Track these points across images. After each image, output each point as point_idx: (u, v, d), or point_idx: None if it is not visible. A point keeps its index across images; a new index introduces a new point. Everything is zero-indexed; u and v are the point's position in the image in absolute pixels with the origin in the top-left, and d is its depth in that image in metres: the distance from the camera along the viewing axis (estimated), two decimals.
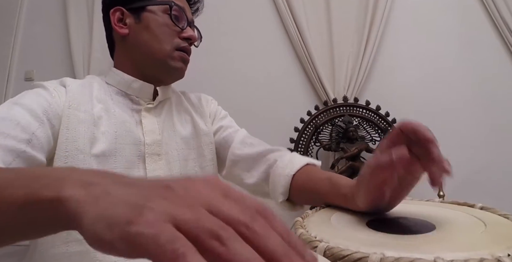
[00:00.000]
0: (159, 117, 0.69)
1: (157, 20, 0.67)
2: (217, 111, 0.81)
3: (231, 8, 1.88)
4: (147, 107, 0.68)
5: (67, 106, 0.58)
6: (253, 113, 1.73)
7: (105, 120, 0.62)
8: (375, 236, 0.37)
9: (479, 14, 1.80)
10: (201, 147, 0.73)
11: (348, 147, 1.58)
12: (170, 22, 0.68)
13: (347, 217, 0.46)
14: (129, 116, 0.65)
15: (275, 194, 0.66)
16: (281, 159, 0.67)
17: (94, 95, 0.64)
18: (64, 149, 0.56)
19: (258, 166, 0.70)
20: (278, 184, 0.64)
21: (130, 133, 0.63)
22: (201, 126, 0.75)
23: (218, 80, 1.80)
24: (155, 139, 0.66)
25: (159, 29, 0.67)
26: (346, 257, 0.31)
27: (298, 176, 0.63)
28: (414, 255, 0.29)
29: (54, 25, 2.02)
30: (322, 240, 0.35)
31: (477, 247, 0.31)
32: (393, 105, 1.68)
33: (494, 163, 1.68)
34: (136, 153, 0.63)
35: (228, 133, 0.77)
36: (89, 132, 0.59)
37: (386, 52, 1.81)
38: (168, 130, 0.70)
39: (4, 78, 2.02)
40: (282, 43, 1.86)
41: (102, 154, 0.59)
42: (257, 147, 0.73)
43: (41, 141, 0.53)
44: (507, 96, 1.73)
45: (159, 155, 0.65)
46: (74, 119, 0.58)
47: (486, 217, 0.41)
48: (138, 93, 0.68)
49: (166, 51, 0.67)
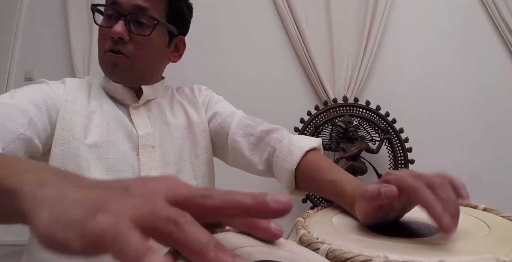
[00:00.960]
0: (149, 112, 0.70)
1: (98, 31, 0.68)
2: (210, 98, 0.80)
3: (231, 8, 1.88)
4: (134, 106, 0.69)
5: (64, 99, 0.61)
6: (253, 113, 1.72)
7: (99, 115, 0.64)
8: (378, 239, 0.36)
9: (479, 14, 1.80)
10: (195, 135, 0.74)
11: (348, 147, 1.58)
12: (98, 27, 0.67)
13: (350, 218, 0.46)
14: (122, 112, 0.67)
15: (282, 185, 0.67)
16: (279, 147, 0.66)
17: (91, 95, 0.66)
18: (60, 137, 0.58)
19: (258, 151, 0.70)
20: (281, 178, 0.65)
21: (123, 126, 0.65)
22: (194, 116, 0.75)
23: (218, 80, 1.80)
24: (148, 131, 0.67)
25: (99, 37, 0.67)
26: (349, 260, 0.31)
27: (301, 169, 0.62)
28: (418, 259, 0.29)
29: (54, 25, 2.02)
30: (325, 242, 0.35)
31: (481, 250, 0.31)
32: (393, 105, 1.68)
33: (494, 163, 1.68)
34: (130, 144, 0.64)
35: (223, 118, 0.76)
36: (84, 123, 0.61)
37: (386, 52, 1.81)
38: (160, 123, 0.70)
39: (4, 78, 2.02)
40: (282, 43, 1.86)
41: (95, 144, 0.61)
42: (254, 129, 0.72)
43: (38, 128, 0.55)
44: (507, 96, 1.73)
45: (153, 146, 0.66)
46: (71, 110, 0.61)
47: (489, 219, 0.40)
48: (122, 96, 0.69)
49: (100, 58, 0.67)
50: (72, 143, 0.58)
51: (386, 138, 1.62)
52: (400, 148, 1.62)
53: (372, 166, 1.62)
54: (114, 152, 0.62)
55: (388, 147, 1.64)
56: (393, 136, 1.62)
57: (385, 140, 1.62)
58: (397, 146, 1.62)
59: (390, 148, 1.63)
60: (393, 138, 1.62)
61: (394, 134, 1.62)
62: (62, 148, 0.58)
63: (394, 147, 1.62)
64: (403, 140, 1.62)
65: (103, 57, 0.65)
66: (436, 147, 1.71)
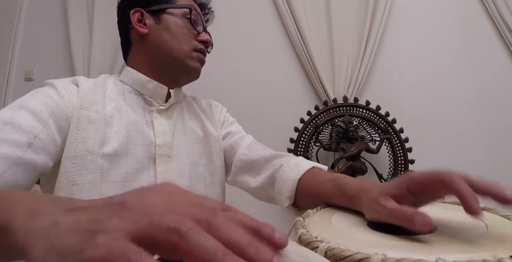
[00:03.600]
0: (170, 119, 0.69)
1: (177, 22, 0.69)
2: (226, 118, 0.82)
3: (231, 8, 1.88)
4: (159, 109, 0.68)
5: (78, 106, 0.58)
6: (253, 114, 1.73)
7: (117, 120, 0.61)
8: (376, 237, 0.36)
9: (479, 14, 1.80)
10: (211, 153, 0.73)
11: (348, 147, 1.58)
12: (189, 25, 0.70)
13: (348, 217, 0.46)
14: (140, 117, 0.65)
15: (280, 198, 0.65)
16: (287, 163, 0.67)
17: (106, 94, 0.64)
18: (73, 150, 0.56)
19: (264, 171, 0.70)
20: (283, 188, 0.64)
21: (141, 134, 0.63)
22: (212, 132, 0.75)
23: (218, 81, 1.80)
24: (166, 140, 0.66)
25: (179, 30, 0.69)
26: (347, 258, 0.31)
27: (304, 179, 0.63)
28: (416, 256, 0.29)
29: (54, 25, 2.02)
30: (323, 241, 0.35)
31: (479, 248, 0.31)
32: (393, 105, 1.68)
33: (494, 163, 1.68)
34: (147, 154, 0.63)
35: (235, 139, 0.77)
36: (100, 132, 0.58)
37: (386, 52, 1.81)
38: (179, 133, 0.70)
39: (4, 78, 2.02)
40: (282, 43, 1.86)
41: (114, 153, 0.58)
42: (264, 152, 0.73)
43: (45, 143, 0.52)
44: (507, 96, 1.73)
45: (170, 156, 0.65)
46: (85, 119, 0.58)
47: (488, 218, 0.41)
48: (152, 94, 0.68)
49: (184, 51, 0.69)
50: (86, 157, 0.56)
51: (386, 138, 1.62)
52: (400, 148, 1.62)
53: (372, 166, 1.62)
54: (131, 162, 0.60)
55: (388, 147, 1.64)
56: (393, 136, 1.62)
57: (385, 140, 1.62)
58: (397, 146, 1.62)
59: (390, 148, 1.63)
60: (393, 138, 1.62)
61: (394, 134, 1.62)
62: (74, 161, 0.55)
63: (394, 147, 1.62)
64: (403, 140, 1.62)
65: (191, 53, 0.70)
66: (436, 147, 1.71)
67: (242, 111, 0.88)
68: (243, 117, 0.85)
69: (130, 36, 0.72)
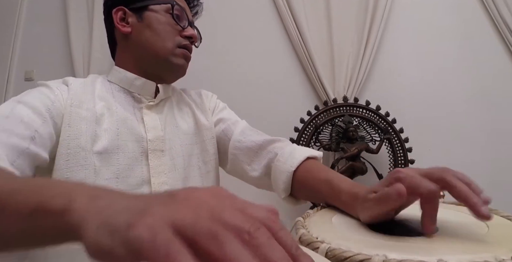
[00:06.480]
0: (161, 114, 0.69)
1: (159, 19, 0.68)
2: (216, 104, 0.82)
3: (231, 8, 1.88)
4: (148, 105, 0.68)
5: (69, 104, 0.59)
6: (253, 114, 1.72)
7: (107, 118, 0.62)
8: (377, 238, 0.36)
9: (479, 14, 1.80)
10: (204, 142, 0.74)
11: (348, 147, 1.58)
12: (172, 21, 0.69)
13: (349, 218, 0.46)
14: (130, 114, 0.65)
15: (277, 189, 0.66)
16: (281, 152, 0.67)
17: (96, 93, 0.64)
18: (66, 147, 0.56)
19: (259, 158, 0.70)
20: (279, 180, 0.64)
21: (132, 130, 0.63)
22: (203, 121, 0.75)
23: (218, 81, 1.80)
24: (158, 134, 0.66)
25: (161, 27, 0.68)
26: (348, 259, 0.31)
27: (299, 172, 0.63)
28: (417, 257, 0.29)
29: (54, 25, 2.01)
30: (324, 241, 0.35)
31: (480, 249, 0.31)
32: (393, 105, 1.68)
33: (494, 163, 1.68)
34: (139, 149, 0.63)
35: (227, 125, 0.77)
36: (91, 129, 0.59)
37: (386, 52, 1.81)
38: (170, 126, 0.70)
39: (4, 78, 2.02)
40: (282, 43, 1.86)
41: (105, 150, 0.59)
42: (257, 137, 0.72)
43: (44, 138, 0.53)
44: (507, 96, 1.73)
45: (163, 150, 0.65)
46: (76, 116, 0.58)
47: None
48: (140, 91, 0.68)
49: (168, 49, 0.68)
50: (79, 154, 0.56)
51: (386, 138, 1.62)
52: (400, 148, 1.61)
53: (372, 166, 1.62)
54: (123, 158, 0.60)
55: (388, 147, 1.64)
56: (393, 136, 1.62)
57: (385, 140, 1.62)
58: (397, 146, 1.62)
59: (390, 148, 1.63)
60: (393, 138, 1.62)
61: (394, 134, 1.62)
62: (67, 158, 0.55)
63: (394, 147, 1.62)
64: (403, 140, 1.62)
65: (175, 50, 0.69)
66: (436, 147, 1.71)
67: (242, 111, 0.87)
68: (243, 117, 0.85)
69: (115, 35, 0.72)
